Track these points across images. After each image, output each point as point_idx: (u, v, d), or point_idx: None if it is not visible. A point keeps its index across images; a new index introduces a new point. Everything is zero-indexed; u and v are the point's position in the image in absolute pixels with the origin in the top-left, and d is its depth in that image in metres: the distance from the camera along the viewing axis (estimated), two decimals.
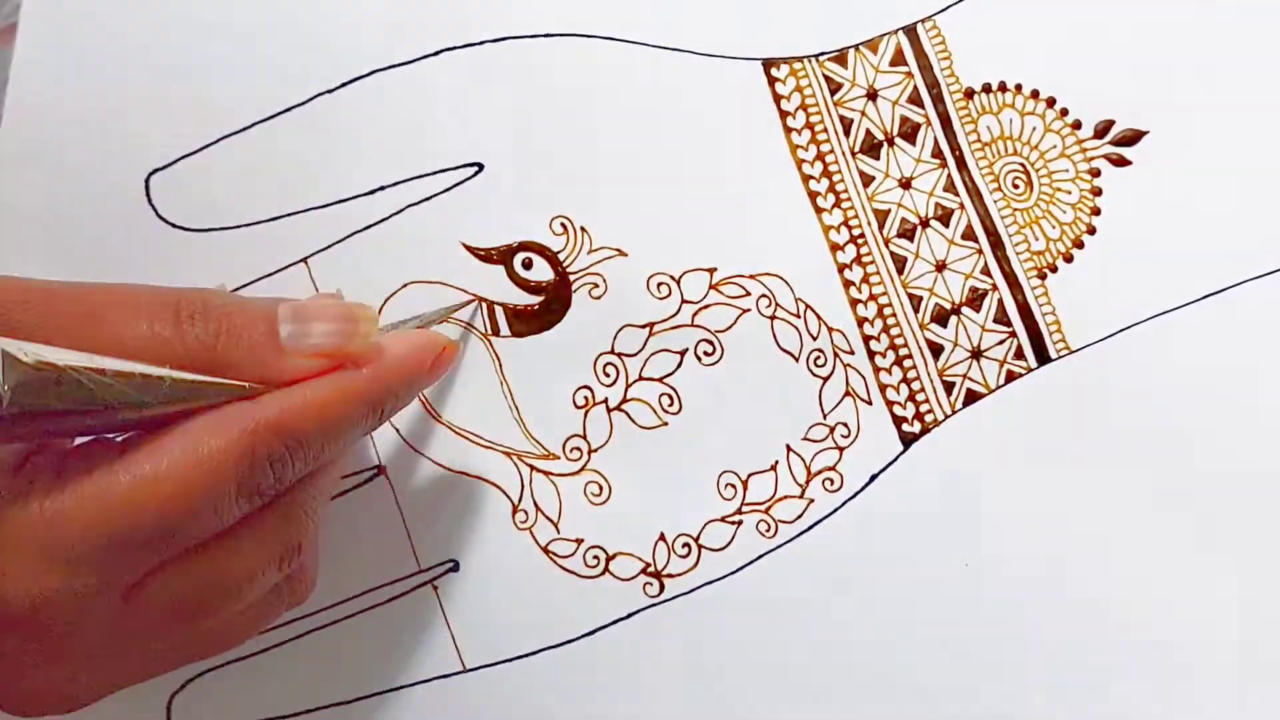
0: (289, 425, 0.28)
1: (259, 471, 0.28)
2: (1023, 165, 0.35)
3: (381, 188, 0.36)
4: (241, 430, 0.27)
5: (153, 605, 0.28)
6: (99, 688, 0.29)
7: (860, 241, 0.35)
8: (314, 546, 0.32)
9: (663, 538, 0.35)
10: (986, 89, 0.35)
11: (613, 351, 0.36)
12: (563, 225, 0.36)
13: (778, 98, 0.35)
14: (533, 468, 0.36)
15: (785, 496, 0.35)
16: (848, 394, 0.35)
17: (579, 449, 0.36)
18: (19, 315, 0.26)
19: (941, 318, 0.35)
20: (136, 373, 0.26)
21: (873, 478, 0.35)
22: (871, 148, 0.35)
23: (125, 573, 0.27)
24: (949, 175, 0.35)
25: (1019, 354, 0.35)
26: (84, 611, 0.27)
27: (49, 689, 0.28)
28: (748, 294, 0.35)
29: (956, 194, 0.35)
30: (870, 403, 0.35)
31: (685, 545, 0.35)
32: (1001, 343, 0.35)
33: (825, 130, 0.35)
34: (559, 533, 0.36)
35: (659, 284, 0.35)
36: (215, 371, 0.28)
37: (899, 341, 0.35)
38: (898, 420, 0.35)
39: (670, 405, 0.36)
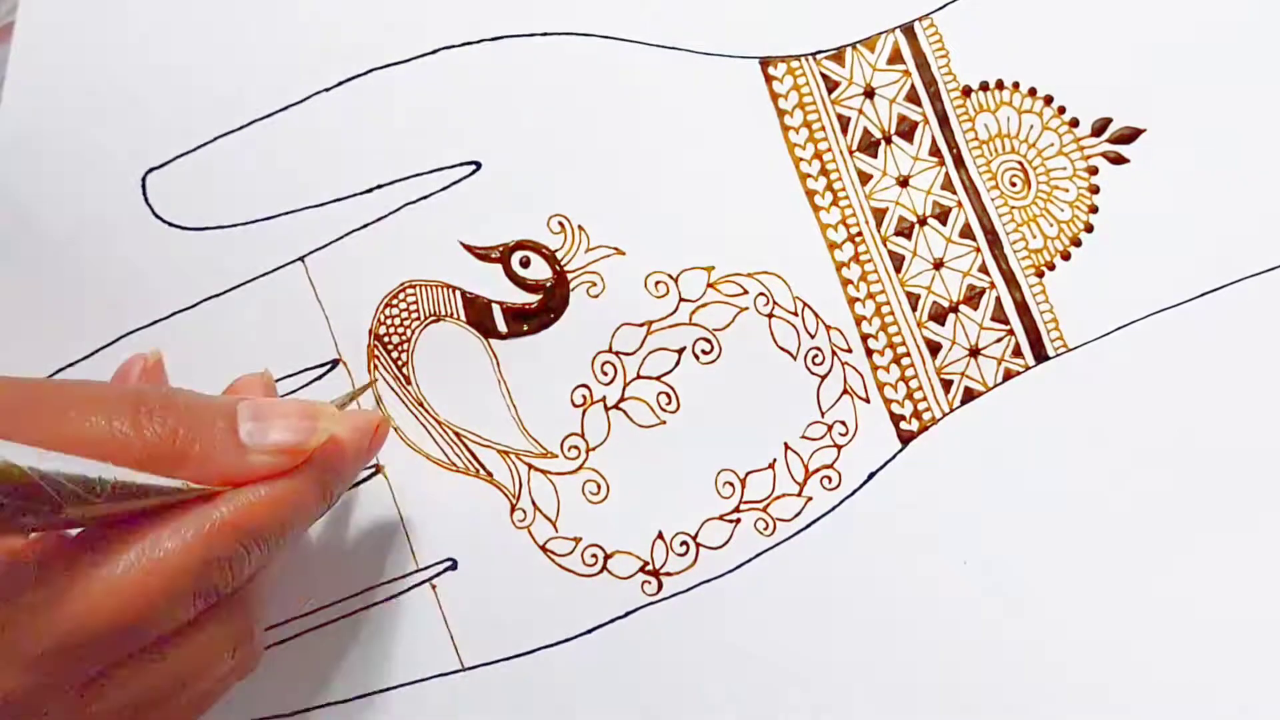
0: (245, 525, 0.28)
1: (215, 572, 0.27)
2: (1020, 163, 0.35)
3: (379, 186, 0.36)
4: (198, 532, 0.27)
5: (108, 702, 0.28)
6: None
7: (858, 240, 0.35)
8: (261, 626, 0.32)
9: (661, 536, 0.35)
10: (984, 87, 0.35)
11: (611, 350, 0.36)
12: (560, 224, 0.36)
13: (775, 96, 0.35)
14: (531, 466, 0.36)
15: (783, 495, 0.35)
16: (845, 392, 0.35)
17: (577, 448, 0.36)
18: None
19: (939, 316, 0.35)
20: (79, 474, 0.25)
21: (871, 476, 0.35)
22: (869, 146, 0.35)
23: (79, 674, 0.27)
24: (946, 173, 0.35)
25: (1017, 352, 0.35)
26: (37, 710, 0.26)
27: None
28: (745, 292, 0.35)
29: (954, 192, 0.35)
30: (868, 401, 0.35)
31: (683, 544, 0.35)
32: (999, 341, 0.35)
33: (822, 129, 0.35)
34: (557, 531, 0.36)
35: (657, 282, 0.35)
36: (174, 466, 0.27)
37: (897, 340, 0.35)
38: (895, 418, 0.35)
39: (668, 404, 0.36)
